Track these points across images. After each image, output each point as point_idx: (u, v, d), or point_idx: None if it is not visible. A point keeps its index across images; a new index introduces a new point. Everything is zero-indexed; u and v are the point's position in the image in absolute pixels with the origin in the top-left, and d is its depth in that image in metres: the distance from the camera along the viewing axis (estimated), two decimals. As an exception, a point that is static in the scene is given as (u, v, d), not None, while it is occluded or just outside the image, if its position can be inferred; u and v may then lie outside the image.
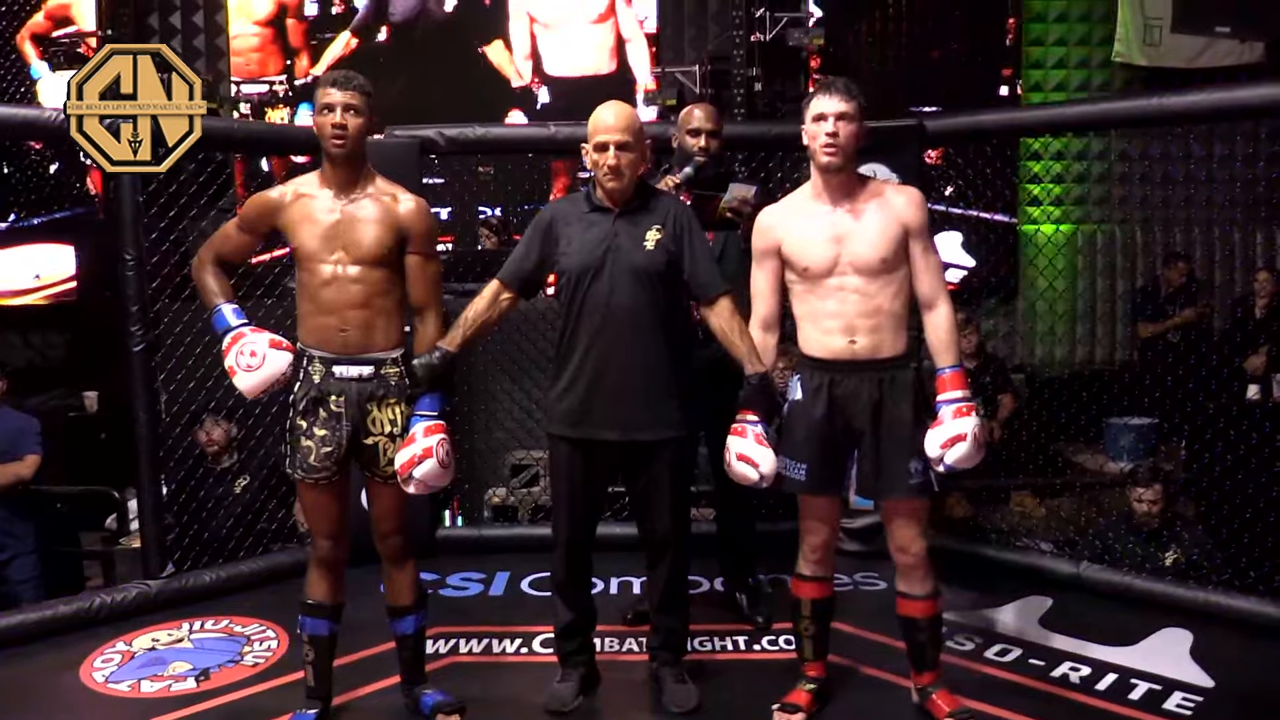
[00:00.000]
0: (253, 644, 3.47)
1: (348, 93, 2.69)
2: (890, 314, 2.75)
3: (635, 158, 2.80)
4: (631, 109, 2.86)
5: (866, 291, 2.72)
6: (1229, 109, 3.85)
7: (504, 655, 3.38)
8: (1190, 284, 6.25)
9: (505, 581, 4.04)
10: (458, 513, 4.72)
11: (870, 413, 2.75)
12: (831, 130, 2.67)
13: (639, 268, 2.80)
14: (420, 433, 2.72)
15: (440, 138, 4.23)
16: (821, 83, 2.77)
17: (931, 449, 2.71)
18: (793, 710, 2.89)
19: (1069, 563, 3.96)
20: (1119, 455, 5.13)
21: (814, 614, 2.94)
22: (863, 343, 2.73)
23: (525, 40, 7.42)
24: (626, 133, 2.77)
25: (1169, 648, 3.37)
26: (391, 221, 2.75)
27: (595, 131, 2.79)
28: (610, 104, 2.83)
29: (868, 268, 2.72)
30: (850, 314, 2.73)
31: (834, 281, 2.74)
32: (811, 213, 2.78)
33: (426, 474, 2.71)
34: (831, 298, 2.74)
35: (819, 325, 2.77)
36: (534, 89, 7.39)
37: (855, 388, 2.75)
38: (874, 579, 3.96)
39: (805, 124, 2.74)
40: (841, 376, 2.76)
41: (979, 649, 3.36)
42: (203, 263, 2.84)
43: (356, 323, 2.73)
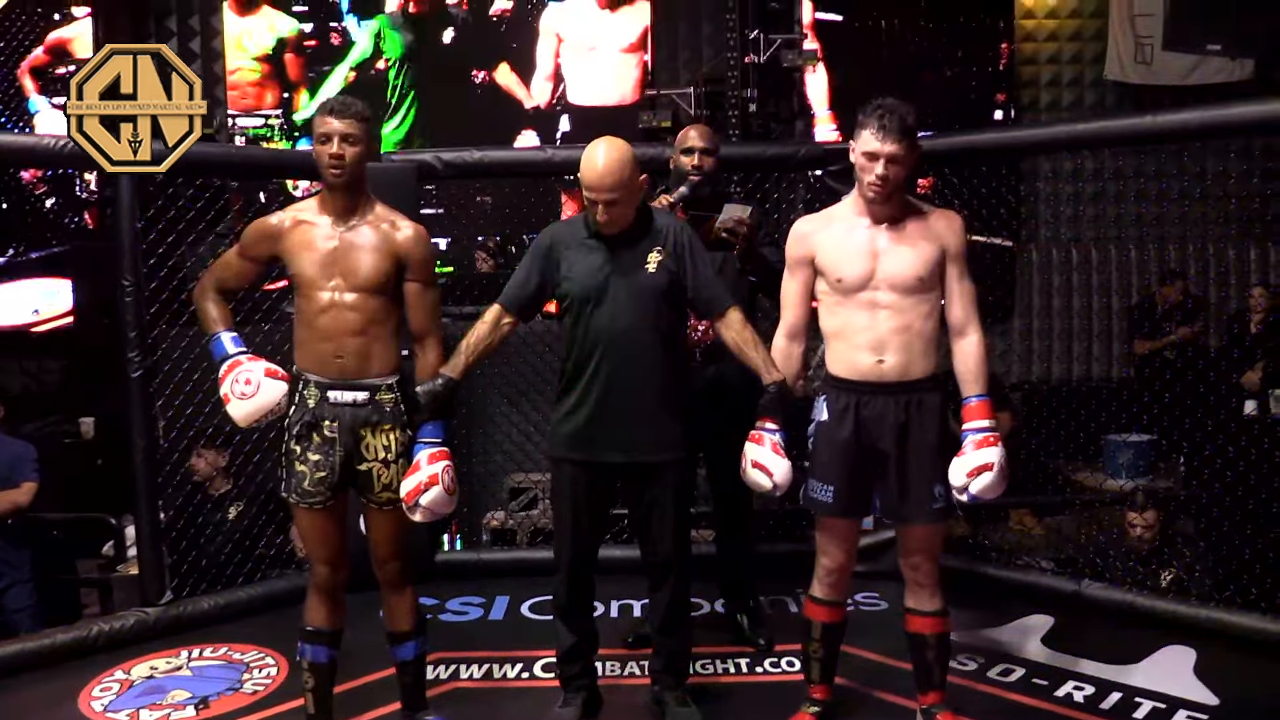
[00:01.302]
0: (252, 671, 3.44)
1: (346, 121, 2.69)
2: (920, 334, 2.73)
3: (626, 205, 2.80)
4: (621, 156, 2.77)
5: (899, 309, 2.71)
6: (1221, 126, 3.87)
7: (505, 680, 3.36)
8: (1186, 301, 6.27)
9: (505, 606, 4.03)
10: (456, 536, 4.71)
11: (896, 435, 2.73)
12: (882, 174, 2.64)
13: (641, 290, 2.81)
14: (425, 460, 2.72)
15: (438, 162, 4.24)
16: (876, 115, 2.64)
17: (956, 478, 2.70)
18: None
19: (1070, 581, 3.95)
20: (1118, 472, 5.12)
21: (824, 637, 2.93)
22: (891, 362, 2.72)
23: (549, 61, 7.37)
24: (614, 190, 2.75)
25: (1173, 666, 3.36)
26: (390, 249, 2.75)
27: (585, 182, 2.79)
28: (599, 155, 2.76)
29: (903, 285, 2.70)
30: (881, 331, 2.71)
31: (866, 296, 2.72)
32: (851, 225, 2.77)
33: (432, 501, 2.70)
34: (863, 313, 2.72)
35: (848, 341, 2.75)
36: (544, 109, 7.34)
37: (882, 409, 2.73)
38: (876, 599, 3.95)
39: (854, 149, 2.70)
40: (869, 398, 2.74)
41: (981, 669, 3.35)
42: (204, 290, 2.85)
43: (353, 349, 2.73)
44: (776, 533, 4.39)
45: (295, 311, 2.80)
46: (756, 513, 4.01)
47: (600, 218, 2.79)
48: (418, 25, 7.38)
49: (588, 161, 2.78)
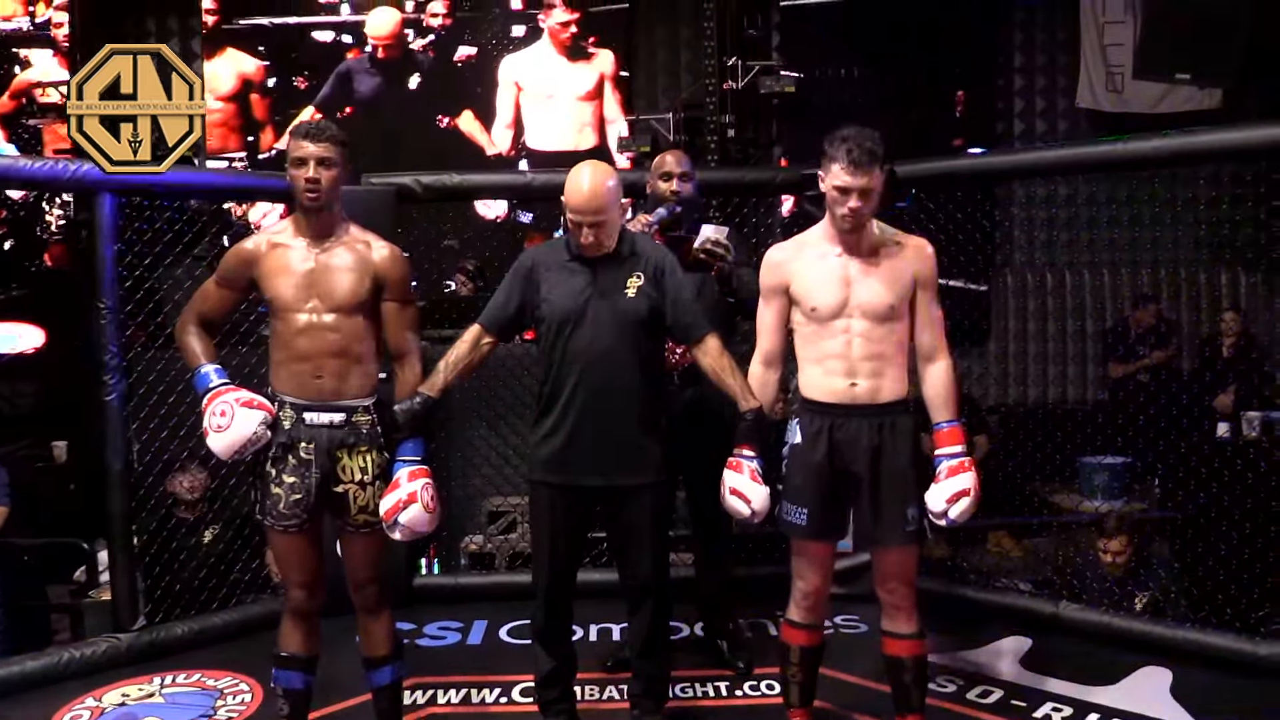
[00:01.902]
0: (226, 698, 3.40)
1: (321, 145, 2.69)
2: (892, 360, 2.76)
3: (610, 228, 2.82)
4: (604, 181, 2.80)
5: (871, 336, 2.73)
6: (1191, 153, 3.93)
7: (483, 705, 3.33)
8: (1159, 325, 6.34)
9: (483, 630, 4.00)
10: (434, 560, 4.67)
11: (869, 458, 2.74)
12: (855, 206, 2.66)
13: (620, 315, 2.82)
14: (404, 478, 2.71)
15: (417, 185, 4.24)
16: (845, 149, 2.65)
17: (936, 504, 2.72)
18: None
19: (1048, 602, 3.96)
20: (1093, 494, 5.16)
21: (802, 661, 2.92)
22: (863, 386, 2.74)
23: (509, 109, 7.50)
24: (599, 214, 2.78)
25: (1150, 686, 3.38)
26: (366, 269, 2.75)
27: (569, 204, 2.81)
28: (584, 177, 2.79)
29: (875, 313, 2.73)
30: (854, 357, 2.73)
31: (840, 324, 2.74)
32: (823, 253, 2.79)
33: (412, 519, 2.69)
34: (836, 339, 2.74)
35: (822, 366, 2.77)
36: (506, 156, 7.44)
37: (855, 432, 2.75)
38: (855, 621, 3.95)
39: (824, 180, 2.72)
40: (842, 420, 2.75)
41: (960, 691, 3.35)
42: (184, 325, 2.82)
43: (331, 370, 2.73)
44: (756, 556, 4.38)
45: (271, 334, 2.78)
46: (736, 536, 4.01)
47: (584, 240, 2.80)
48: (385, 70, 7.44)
49: (573, 184, 2.80)
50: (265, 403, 2.72)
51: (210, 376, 2.74)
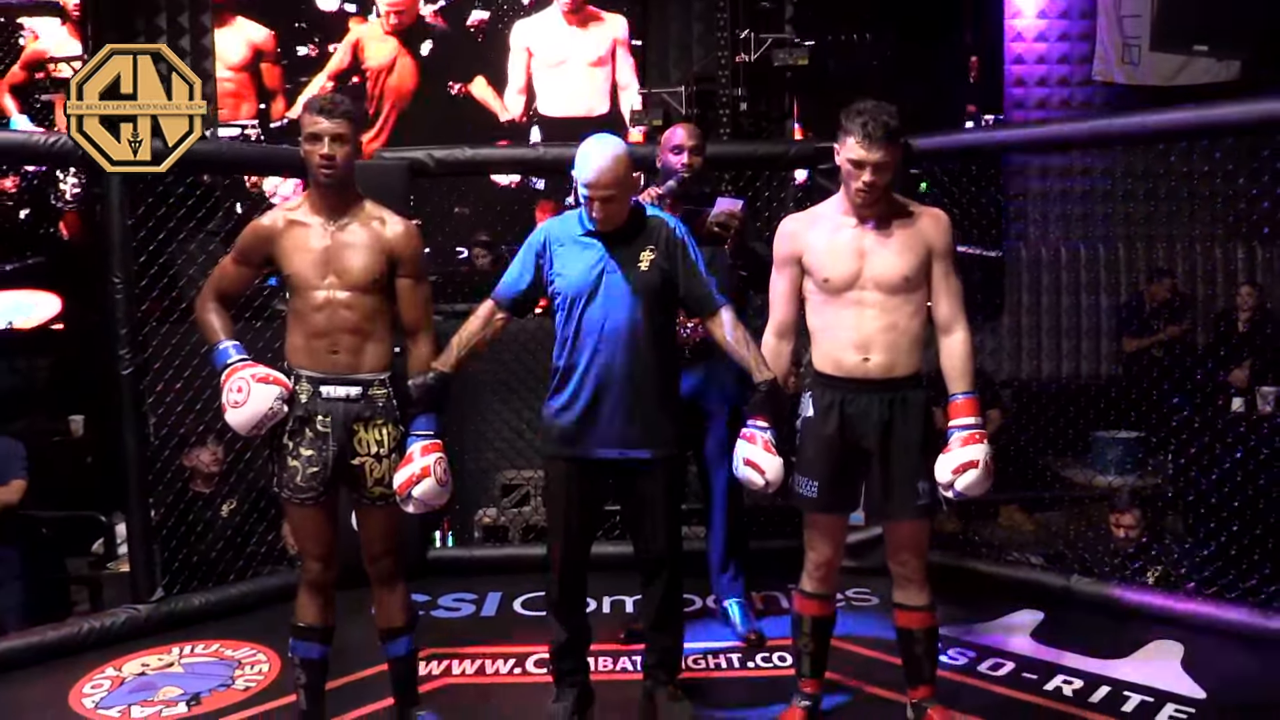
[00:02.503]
0: (244, 668, 3.44)
1: (335, 120, 2.68)
2: (906, 333, 2.74)
3: (622, 202, 2.82)
4: (616, 154, 2.79)
5: (885, 308, 2.72)
6: (1208, 126, 3.90)
7: (497, 675, 3.37)
8: (1174, 299, 6.31)
9: (497, 602, 4.03)
10: (448, 533, 4.71)
11: (880, 433, 2.74)
12: (870, 180, 2.65)
13: (634, 289, 2.82)
14: (418, 452, 2.73)
15: (430, 159, 4.24)
16: (860, 122, 2.63)
17: (942, 474, 2.72)
18: None
19: (1059, 576, 3.97)
20: (1106, 469, 5.16)
21: (814, 631, 2.94)
22: (876, 360, 2.73)
23: (521, 74, 7.45)
24: (610, 187, 2.77)
25: (1161, 659, 3.39)
26: (381, 246, 2.77)
27: (580, 178, 2.80)
28: (596, 150, 2.79)
29: (889, 285, 2.71)
30: (867, 330, 2.73)
31: (853, 295, 2.73)
32: (838, 225, 2.77)
33: (425, 493, 2.72)
34: (849, 312, 2.74)
35: (834, 339, 2.77)
36: (519, 123, 7.41)
37: (866, 407, 2.74)
38: (867, 594, 3.97)
39: (840, 154, 2.70)
40: (853, 395, 2.75)
41: (971, 663, 3.37)
42: (203, 302, 2.84)
43: (347, 346, 2.74)
44: (768, 529, 4.40)
45: (289, 310, 2.80)
46: (748, 509, 4.04)
47: (596, 214, 2.80)
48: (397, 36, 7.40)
49: (584, 159, 2.79)
50: (281, 378, 2.74)
51: (229, 352, 2.75)
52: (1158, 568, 3.98)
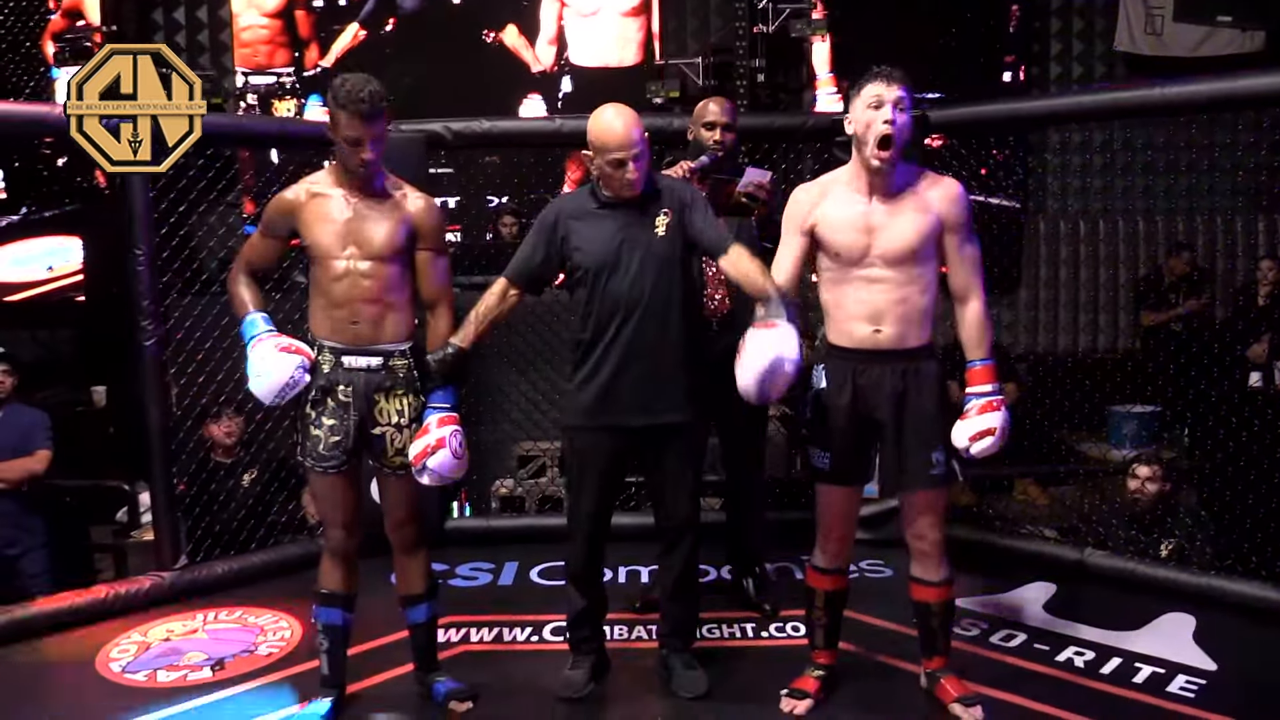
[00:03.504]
0: (266, 634, 3.51)
1: (375, 124, 2.67)
2: (917, 306, 2.74)
3: (647, 161, 2.82)
4: (635, 115, 2.83)
5: (896, 282, 2.72)
6: (1231, 98, 3.87)
7: (514, 643, 3.42)
8: (1193, 273, 6.27)
9: (514, 571, 4.09)
10: (466, 504, 4.76)
11: (893, 403, 2.75)
12: (889, 117, 2.63)
13: (655, 255, 2.84)
14: (434, 424, 2.77)
15: (447, 132, 4.25)
16: (873, 73, 2.69)
17: (959, 439, 2.73)
18: (800, 696, 2.92)
19: (1073, 549, 3.99)
20: (1121, 443, 5.16)
21: (826, 604, 2.97)
22: (888, 332, 2.73)
23: (552, 23, 7.39)
24: (640, 144, 2.79)
25: (1172, 632, 3.41)
26: (401, 218, 2.79)
27: (608, 146, 2.79)
28: (615, 114, 2.81)
29: (897, 259, 2.71)
30: (877, 303, 2.73)
31: (862, 272, 2.73)
32: (847, 200, 2.76)
33: (440, 464, 2.75)
34: (860, 286, 2.74)
35: (846, 312, 2.77)
36: (550, 72, 7.36)
37: (879, 377, 2.75)
38: (880, 566, 4.00)
39: (851, 119, 2.70)
40: (865, 366, 2.76)
41: (984, 634, 3.40)
42: (234, 276, 2.88)
43: (368, 316, 2.78)
44: (783, 501, 4.43)
45: (310, 280, 2.83)
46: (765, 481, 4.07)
47: (629, 176, 2.79)
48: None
49: (607, 126, 2.80)
50: (304, 348, 2.77)
51: (256, 323, 2.78)
52: (1171, 540, 3.99)
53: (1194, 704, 2.93)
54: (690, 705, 2.96)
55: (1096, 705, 2.93)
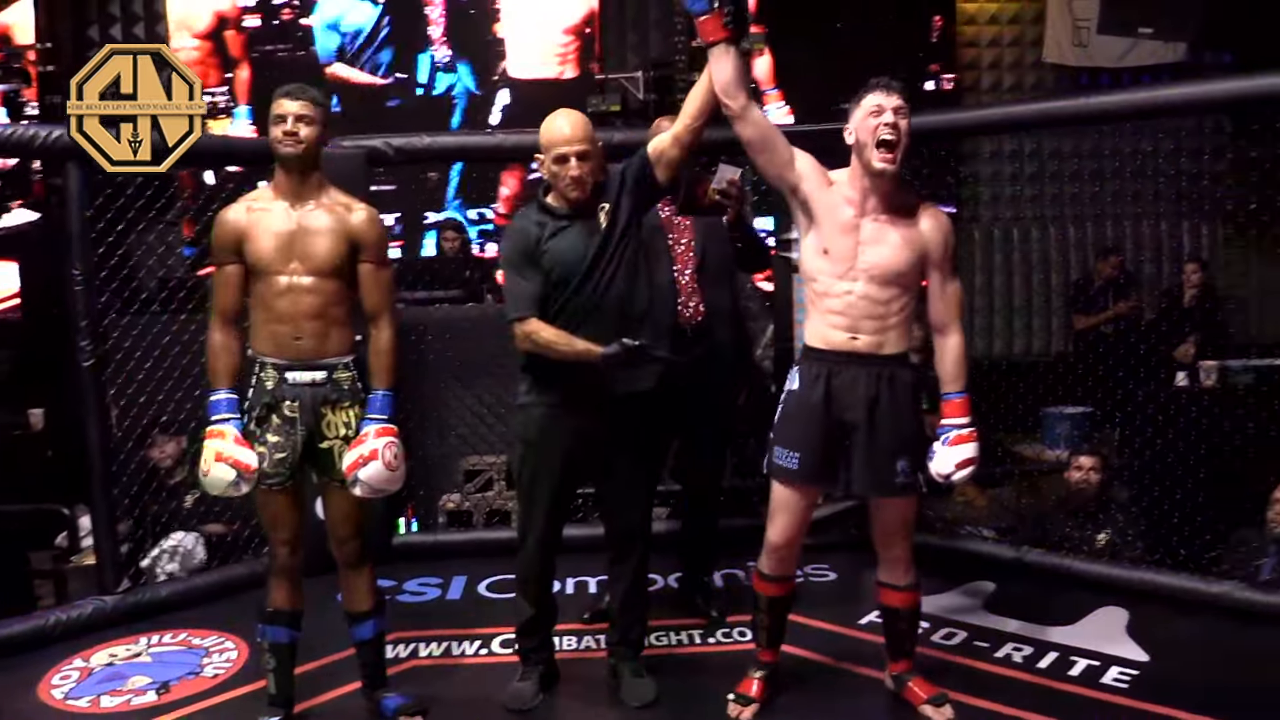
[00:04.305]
0: (212, 655, 3.47)
1: (301, 102, 2.73)
2: (895, 320, 2.77)
3: (595, 165, 2.83)
4: (585, 117, 2.87)
5: (877, 299, 2.74)
6: (1153, 107, 4.00)
7: (463, 657, 3.42)
8: (1121, 277, 6.45)
9: (462, 585, 4.09)
10: (412, 519, 4.75)
11: (865, 407, 2.75)
12: (892, 121, 2.65)
13: (608, 253, 2.83)
14: (370, 435, 2.76)
15: (388, 148, 4.26)
16: (874, 83, 2.73)
17: (944, 467, 2.78)
18: (745, 701, 2.96)
19: (1010, 548, 4.10)
20: (1055, 443, 5.29)
21: (770, 609, 3.01)
22: (865, 340, 2.76)
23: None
24: (585, 142, 2.80)
25: (1106, 626, 3.52)
26: (344, 231, 2.79)
27: (553, 143, 2.81)
28: (564, 113, 2.84)
29: (882, 277, 2.73)
30: (857, 315, 2.75)
31: (844, 285, 2.74)
32: (843, 203, 2.76)
33: (371, 476, 2.74)
34: (841, 297, 2.75)
35: (824, 318, 2.78)
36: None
37: (853, 380, 2.76)
38: (825, 570, 4.07)
39: (851, 128, 2.73)
40: (840, 368, 2.77)
41: (926, 633, 3.45)
42: (211, 336, 2.79)
43: (311, 331, 2.77)
44: (730, 508, 4.47)
45: (252, 296, 2.81)
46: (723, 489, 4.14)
47: (574, 174, 2.79)
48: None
49: (552, 124, 2.82)
50: (247, 460, 2.70)
51: (218, 407, 2.73)
52: (1108, 531, 4.10)
53: (1127, 694, 3.03)
54: (639, 713, 2.99)
55: (1034, 699, 3.01)
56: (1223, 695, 2.98)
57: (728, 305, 3.54)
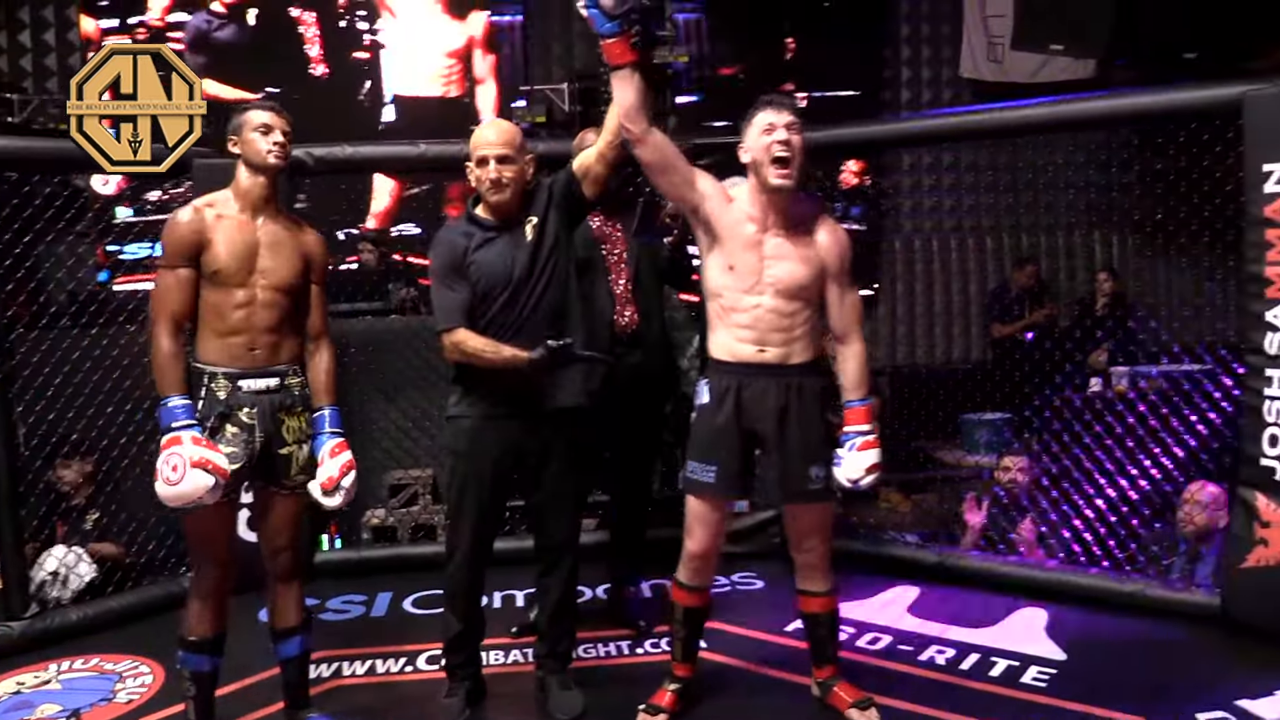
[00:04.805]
0: (125, 681, 3.37)
1: (284, 119, 2.75)
2: (800, 331, 2.80)
3: (517, 170, 2.87)
4: (514, 126, 2.93)
5: (782, 312, 2.77)
6: (1063, 121, 4.13)
7: (389, 675, 3.37)
8: (1037, 285, 6.63)
9: (388, 602, 4.03)
10: (335, 536, 4.67)
11: (775, 417, 2.79)
12: (785, 138, 2.70)
13: (536, 266, 2.87)
14: (337, 448, 2.80)
15: (309, 158, 4.19)
16: (764, 99, 2.79)
17: (852, 473, 2.81)
18: (655, 711, 2.96)
19: (933, 552, 4.17)
20: (975, 449, 5.40)
21: (686, 620, 3.01)
22: (772, 352, 2.79)
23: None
24: (507, 147, 2.85)
25: (1025, 626, 3.60)
26: (301, 249, 2.80)
27: (476, 147, 2.88)
28: (492, 120, 2.90)
29: (787, 291, 2.76)
30: (764, 329, 2.78)
31: (751, 300, 2.77)
32: (745, 220, 2.80)
33: (352, 484, 2.79)
34: (747, 311, 2.78)
35: (731, 332, 2.81)
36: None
37: (762, 391, 2.79)
38: (751, 579, 4.09)
39: (745, 141, 2.76)
40: (749, 380, 2.80)
41: (851, 639, 3.50)
42: (157, 343, 2.67)
43: (265, 343, 2.74)
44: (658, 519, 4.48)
45: (202, 303, 2.70)
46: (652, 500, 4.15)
47: (492, 175, 2.84)
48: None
49: (479, 131, 2.91)
50: (219, 464, 2.61)
51: (175, 414, 2.62)
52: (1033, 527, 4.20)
53: (1046, 693, 3.09)
54: (566, 726, 2.97)
55: (957, 700, 3.05)
56: (1136, 690, 3.06)
57: (658, 316, 3.59)
